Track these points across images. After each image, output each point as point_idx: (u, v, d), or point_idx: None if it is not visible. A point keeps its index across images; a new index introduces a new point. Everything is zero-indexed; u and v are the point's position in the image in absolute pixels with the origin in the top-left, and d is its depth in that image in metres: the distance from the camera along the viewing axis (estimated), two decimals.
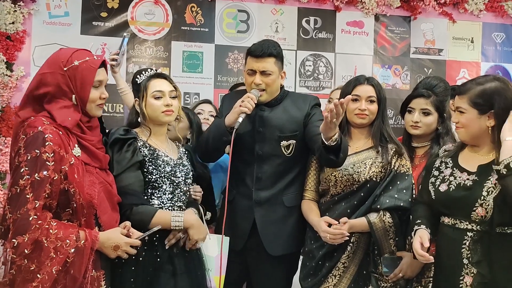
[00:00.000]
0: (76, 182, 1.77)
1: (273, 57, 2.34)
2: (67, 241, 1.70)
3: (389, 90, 4.12)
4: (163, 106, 2.13)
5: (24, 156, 1.71)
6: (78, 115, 1.86)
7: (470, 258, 1.89)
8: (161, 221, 2.03)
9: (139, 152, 2.08)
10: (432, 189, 2.03)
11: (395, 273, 2.24)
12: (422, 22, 4.26)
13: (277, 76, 2.37)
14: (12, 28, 3.53)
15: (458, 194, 1.93)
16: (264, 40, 2.43)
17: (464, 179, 1.95)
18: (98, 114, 1.97)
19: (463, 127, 1.97)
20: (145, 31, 3.89)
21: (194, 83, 3.97)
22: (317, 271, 2.32)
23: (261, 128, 2.36)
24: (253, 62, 2.33)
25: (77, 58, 1.86)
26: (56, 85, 1.83)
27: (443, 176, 2.01)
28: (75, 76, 1.84)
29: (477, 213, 1.88)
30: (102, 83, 1.93)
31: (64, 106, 1.84)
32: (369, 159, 2.33)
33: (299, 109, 2.41)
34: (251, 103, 2.23)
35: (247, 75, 2.38)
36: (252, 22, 4.05)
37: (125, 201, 2.01)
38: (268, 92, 2.37)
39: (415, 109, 2.46)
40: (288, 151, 2.38)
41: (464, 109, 1.94)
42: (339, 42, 4.17)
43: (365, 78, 2.39)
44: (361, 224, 2.25)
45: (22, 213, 1.66)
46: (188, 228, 2.08)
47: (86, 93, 1.86)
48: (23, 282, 1.65)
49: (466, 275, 1.90)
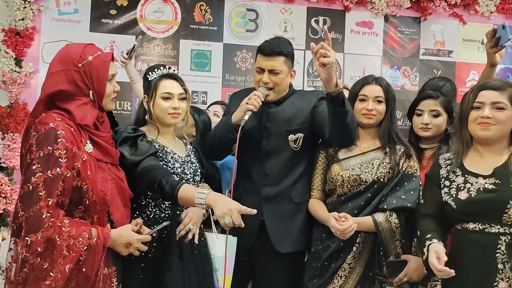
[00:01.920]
0: (89, 179, 1.75)
1: (283, 56, 2.31)
2: (80, 239, 1.68)
3: (398, 91, 4.08)
4: (171, 108, 2.13)
5: (36, 153, 1.68)
6: (96, 111, 1.85)
7: (506, 263, 1.83)
8: (186, 196, 1.90)
9: (153, 144, 2.08)
10: (449, 199, 1.96)
11: (399, 277, 2.22)
12: (432, 23, 4.25)
13: (286, 75, 2.35)
14: (21, 25, 3.54)
15: (482, 198, 1.88)
16: (276, 37, 2.40)
17: (483, 183, 1.90)
18: (112, 108, 1.97)
19: (499, 123, 1.91)
20: (154, 29, 3.90)
21: (202, 81, 3.97)
22: (323, 272, 2.31)
23: (268, 123, 2.35)
24: (262, 60, 2.32)
25: (90, 53, 1.84)
26: (72, 82, 1.80)
27: (457, 185, 1.96)
28: (91, 72, 1.82)
29: (509, 215, 1.83)
30: (114, 76, 1.92)
31: (83, 103, 1.81)
32: (377, 159, 2.32)
33: (306, 102, 2.40)
34: (258, 101, 2.22)
35: (256, 73, 2.37)
36: (261, 21, 4.05)
37: (151, 174, 1.96)
38: (275, 91, 2.36)
39: (424, 111, 2.44)
40: (296, 145, 2.37)
41: (506, 104, 1.90)
42: (348, 42, 4.17)
43: (373, 78, 2.38)
44: (366, 222, 2.23)
45: (34, 211, 1.63)
46: (214, 206, 1.86)
47: (103, 88, 1.85)
48: (35, 280, 1.63)
49: (501, 280, 1.84)
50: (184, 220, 2.10)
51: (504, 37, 2.38)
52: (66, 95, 1.81)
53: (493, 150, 1.95)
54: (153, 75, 2.18)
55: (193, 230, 2.11)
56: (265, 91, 2.30)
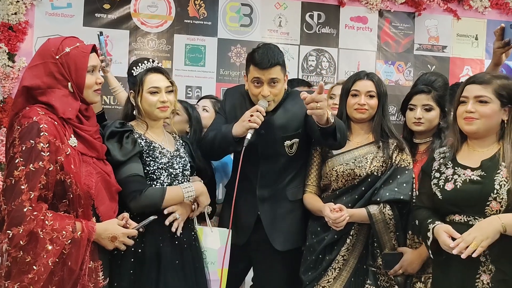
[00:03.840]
0: (73, 172, 1.75)
1: (279, 65, 2.28)
2: (63, 233, 1.68)
3: (392, 86, 4.11)
4: (159, 102, 2.12)
5: (19, 147, 1.69)
6: (77, 103, 1.84)
7: (488, 255, 1.83)
8: (173, 196, 2.06)
9: (137, 143, 2.08)
10: (437, 190, 1.98)
11: (395, 269, 2.24)
12: (427, 18, 4.25)
13: (283, 82, 2.34)
14: (14, 19, 3.53)
15: (467, 190, 1.89)
16: (266, 47, 2.32)
17: (469, 175, 1.91)
18: (96, 100, 1.95)
19: (482, 117, 1.91)
20: (148, 24, 3.89)
21: (197, 76, 3.97)
22: (318, 265, 2.32)
23: (263, 131, 2.32)
24: (258, 72, 2.27)
25: (68, 45, 1.84)
26: (49, 75, 1.80)
27: (445, 177, 1.98)
28: (68, 63, 1.82)
29: (491, 207, 1.84)
30: (96, 68, 1.91)
31: (62, 96, 1.81)
32: (370, 153, 2.33)
33: (300, 106, 2.35)
34: (260, 117, 2.18)
35: (253, 85, 2.31)
36: (255, 16, 4.04)
37: (132, 187, 2.00)
38: (275, 102, 2.34)
39: (416, 106, 2.45)
40: (292, 150, 2.37)
41: (490, 98, 1.90)
42: (343, 37, 4.17)
43: (365, 74, 2.40)
44: (360, 214, 2.25)
45: (16, 205, 1.64)
46: (199, 196, 2.15)
47: (82, 79, 1.84)
48: (19, 273, 1.63)
49: (483, 273, 1.84)
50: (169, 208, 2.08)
51: None
52: (44, 89, 1.80)
53: (483, 144, 1.96)
54: (138, 70, 2.17)
55: (178, 219, 2.09)
56: (266, 103, 2.27)
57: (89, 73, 1.87)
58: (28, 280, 1.62)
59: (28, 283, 1.63)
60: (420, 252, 2.24)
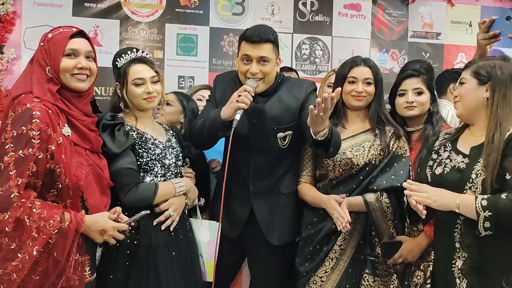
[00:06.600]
0: (63, 162, 1.73)
1: (271, 43, 2.23)
2: (51, 222, 1.67)
3: (386, 74, 4.07)
4: (144, 94, 2.09)
5: (10, 132, 1.68)
6: (54, 87, 1.82)
7: (462, 242, 1.87)
8: (165, 192, 2.09)
9: (129, 135, 2.06)
10: (429, 172, 2.01)
11: (394, 258, 2.23)
12: (420, 5, 4.23)
13: (274, 63, 2.27)
14: (1, 9, 3.47)
15: (451, 177, 1.92)
16: (259, 25, 2.30)
17: (459, 162, 1.93)
18: (78, 86, 1.88)
19: (460, 99, 1.97)
20: (138, 13, 3.83)
21: (189, 66, 3.92)
22: (315, 256, 2.30)
23: (255, 120, 2.28)
24: (249, 48, 2.22)
25: (53, 31, 1.87)
26: (36, 61, 1.83)
27: (440, 160, 2.00)
28: (49, 48, 1.83)
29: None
30: (78, 52, 1.87)
31: (41, 79, 1.81)
32: (367, 142, 2.31)
33: (295, 97, 2.32)
34: (249, 97, 2.12)
35: (242, 63, 2.26)
36: (247, 4, 4.00)
37: (124, 180, 2.00)
38: (265, 82, 2.27)
39: (407, 90, 2.43)
40: (285, 142, 2.32)
41: (466, 79, 1.96)
42: (336, 25, 4.13)
43: (361, 60, 2.36)
44: (357, 202, 2.23)
45: (4, 190, 1.63)
46: (187, 192, 2.18)
47: (57, 62, 1.83)
48: (3, 260, 1.63)
49: (458, 259, 1.88)
50: (163, 205, 2.08)
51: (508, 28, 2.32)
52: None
53: (477, 130, 1.97)
54: (121, 61, 2.13)
55: (173, 216, 2.09)
56: (254, 83, 2.21)
57: (69, 57, 1.85)
58: (11, 268, 1.62)
59: (12, 270, 1.62)
60: (419, 241, 2.23)
